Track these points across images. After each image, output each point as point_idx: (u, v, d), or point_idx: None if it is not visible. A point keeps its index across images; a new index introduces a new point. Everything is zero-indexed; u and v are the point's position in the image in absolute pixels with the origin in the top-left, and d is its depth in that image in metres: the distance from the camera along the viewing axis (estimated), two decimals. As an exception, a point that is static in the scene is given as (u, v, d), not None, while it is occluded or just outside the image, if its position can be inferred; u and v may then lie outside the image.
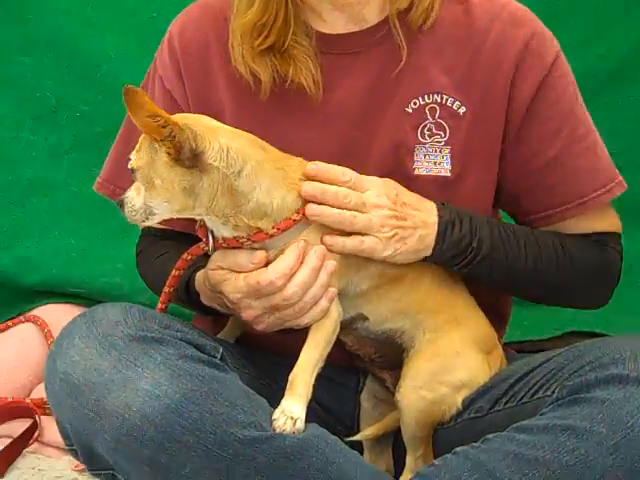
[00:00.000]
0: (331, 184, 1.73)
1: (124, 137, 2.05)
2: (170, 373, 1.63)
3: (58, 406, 1.70)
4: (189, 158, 1.65)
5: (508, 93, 1.89)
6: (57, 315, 2.58)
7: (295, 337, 1.75)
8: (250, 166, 1.69)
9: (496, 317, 1.96)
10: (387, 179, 1.80)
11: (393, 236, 1.75)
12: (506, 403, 1.79)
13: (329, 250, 1.73)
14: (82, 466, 2.04)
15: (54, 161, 2.84)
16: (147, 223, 1.72)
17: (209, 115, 1.76)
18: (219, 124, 1.74)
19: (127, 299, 2.44)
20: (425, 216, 1.79)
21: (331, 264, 1.72)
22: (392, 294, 1.81)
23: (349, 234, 1.74)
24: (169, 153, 1.65)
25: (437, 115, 1.89)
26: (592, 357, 1.68)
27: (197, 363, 1.67)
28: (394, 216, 1.75)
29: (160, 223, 1.82)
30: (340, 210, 1.72)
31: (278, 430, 1.65)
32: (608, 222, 1.97)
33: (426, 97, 1.89)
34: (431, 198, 1.83)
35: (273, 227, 1.70)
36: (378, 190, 1.76)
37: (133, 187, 1.71)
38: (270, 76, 1.87)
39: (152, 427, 1.61)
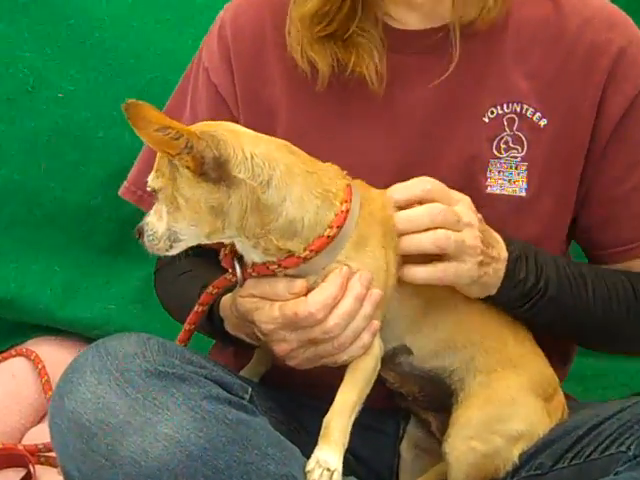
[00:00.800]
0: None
1: None
2: (193, 415, 1.48)
3: (64, 450, 1.53)
4: (214, 169, 1.49)
5: (597, 106, 1.75)
6: (52, 349, 2.40)
7: (328, 375, 1.59)
8: (279, 172, 1.52)
9: (557, 356, 1.80)
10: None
11: (480, 263, 1.60)
12: (572, 459, 1.62)
13: (414, 281, 1.58)
14: None
15: (31, 157, 2.39)
16: (171, 252, 1.56)
17: (262, 113, 1.64)
18: (241, 128, 1.58)
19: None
20: (500, 249, 1.65)
21: (376, 293, 1.56)
22: (430, 319, 1.66)
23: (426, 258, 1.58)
24: (188, 167, 1.49)
25: (515, 127, 1.75)
26: None
27: (223, 405, 1.52)
28: (482, 239, 1.60)
29: None
30: (434, 232, 1.57)
31: None
32: None
33: (505, 106, 1.75)
34: (503, 220, 1.70)
35: (305, 249, 1.54)
36: (467, 206, 1.61)
37: (152, 211, 1.55)
38: (329, 65, 1.73)
39: (172, 477, 1.45)
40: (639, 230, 1.78)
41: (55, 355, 2.33)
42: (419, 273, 1.58)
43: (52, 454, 2.05)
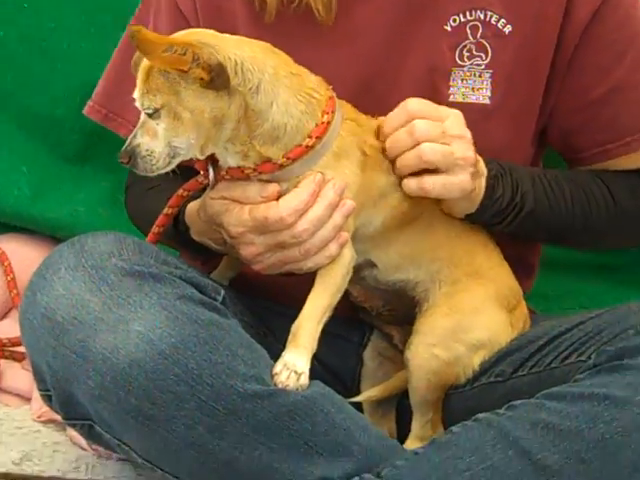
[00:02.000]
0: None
1: (122, 54, 1.88)
2: (166, 315, 1.48)
3: (35, 344, 1.53)
4: (218, 76, 1.48)
5: (564, 9, 1.72)
6: (19, 247, 2.36)
7: (297, 281, 1.60)
8: (267, 76, 1.52)
9: (521, 268, 1.81)
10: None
11: (473, 175, 1.60)
12: (532, 368, 1.65)
13: (410, 193, 1.59)
14: (46, 416, 1.93)
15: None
16: (168, 169, 1.53)
17: (221, 29, 1.57)
18: (221, 34, 1.56)
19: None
20: (483, 165, 1.65)
21: (349, 204, 1.56)
22: (403, 237, 1.66)
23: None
24: (202, 78, 1.47)
25: (479, 34, 1.73)
26: (636, 320, 1.56)
27: (197, 305, 1.52)
28: (474, 151, 1.60)
29: None
30: (417, 147, 1.57)
31: (280, 385, 1.51)
32: None
33: (468, 14, 1.72)
34: (468, 128, 1.67)
35: (283, 156, 1.53)
36: (458, 120, 1.60)
37: (139, 132, 1.52)
38: None
39: (142, 374, 1.45)
40: (614, 131, 1.78)
41: (22, 253, 2.31)
42: (408, 184, 1.59)
43: (17, 349, 2.05)
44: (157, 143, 1.50)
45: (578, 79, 1.76)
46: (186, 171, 1.64)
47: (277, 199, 1.55)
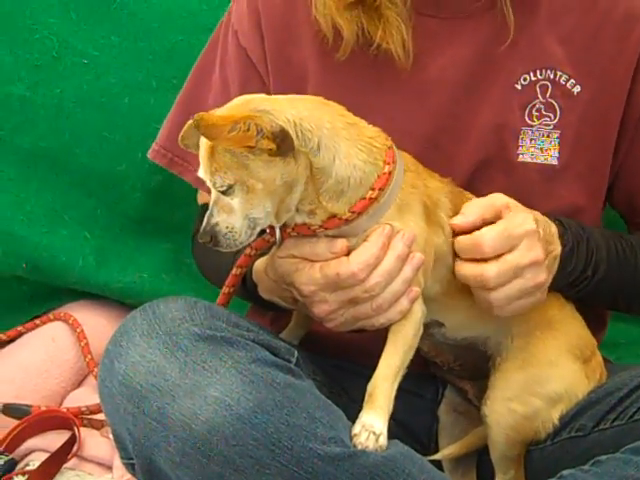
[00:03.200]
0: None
1: (187, 98, 1.89)
2: (242, 379, 1.47)
3: (115, 413, 1.53)
4: (283, 142, 1.48)
5: (632, 72, 1.73)
6: (89, 313, 2.36)
7: (369, 338, 1.59)
8: (326, 131, 1.51)
9: (593, 320, 1.79)
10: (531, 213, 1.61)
11: (545, 291, 1.62)
12: (614, 421, 1.62)
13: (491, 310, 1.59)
14: None
15: (57, 123, 2.31)
16: (250, 240, 1.53)
17: (291, 77, 1.61)
18: (275, 96, 1.56)
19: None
20: (556, 246, 1.63)
21: (418, 257, 1.55)
22: (469, 298, 1.63)
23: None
24: (270, 149, 1.47)
25: (549, 94, 1.73)
26: None
27: (271, 368, 1.51)
28: (548, 267, 1.60)
29: None
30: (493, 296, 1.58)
31: (360, 446, 1.49)
32: None
33: (538, 72, 1.73)
34: (533, 189, 1.69)
35: (349, 210, 1.53)
36: (530, 241, 1.57)
37: (215, 211, 1.51)
38: (354, 33, 1.69)
39: (222, 440, 1.44)
40: None
41: (93, 319, 2.31)
42: (479, 303, 1.60)
43: (95, 416, 2.04)
44: (235, 218, 1.50)
45: None
46: None
47: (347, 254, 1.54)
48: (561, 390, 1.66)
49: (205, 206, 1.85)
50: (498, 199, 1.60)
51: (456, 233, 1.59)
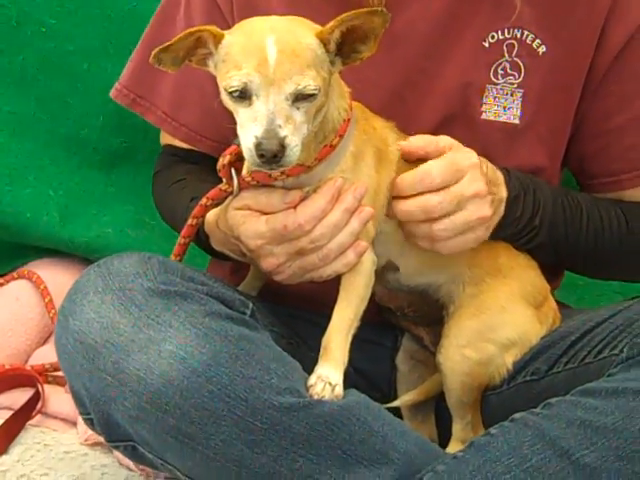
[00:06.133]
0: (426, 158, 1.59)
1: (151, 37, 1.88)
2: (196, 332, 1.48)
3: (72, 369, 1.54)
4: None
5: (598, 36, 1.73)
6: (53, 270, 2.37)
7: (324, 287, 1.60)
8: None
9: (549, 267, 1.80)
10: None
11: (487, 228, 1.62)
12: (566, 364, 1.65)
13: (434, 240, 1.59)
14: (92, 439, 1.93)
15: (21, 89, 2.37)
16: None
17: None
18: None
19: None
20: (501, 189, 1.65)
21: (367, 211, 1.55)
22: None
23: None
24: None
25: (514, 53, 1.73)
26: None
27: (225, 321, 1.52)
28: (491, 202, 1.60)
29: (186, 141, 1.69)
30: (430, 227, 1.59)
31: (316, 397, 1.51)
32: None
33: (506, 31, 1.73)
34: (496, 147, 1.70)
35: (315, 157, 1.52)
36: (474, 174, 1.59)
37: (283, 121, 1.41)
38: None
39: (177, 393, 1.46)
40: (629, 162, 1.78)
41: (56, 276, 2.32)
42: (422, 244, 1.61)
43: (59, 373, 2.05)
44: (301, 132, 1.44)
45: (601, 105, 1.76)
46: (211, 162, 1.64)
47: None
48: (514, 335, 1.68)
49: (170, 146, 1.87)
50: (443, 139, 1.61)
51: (402, 158, 1.61)
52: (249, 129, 1.42)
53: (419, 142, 1.61)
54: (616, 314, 1.62)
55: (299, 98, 1.42)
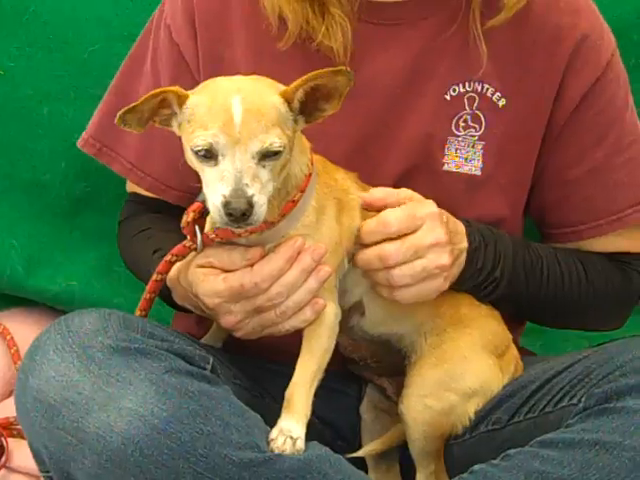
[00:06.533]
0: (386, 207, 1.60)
1: (118, 88, 1.88)
2: (156, 389, 1.48)
3: (31, 428, 1.54)
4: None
5: (556, 90, 1.76)
6: (20, 320, 2.36)
7: (288, 338, 1.60)
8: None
9: (510, 316, 1.81)
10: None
11: (446, 277, 1.63)
12: (527, 413, 1.65)
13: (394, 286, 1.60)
14: None
15: None
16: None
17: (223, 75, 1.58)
18: None
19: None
20: (462, 240, 1.66)
21: (325, 271, 1.56)
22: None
23: None
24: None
25: (475, 105, 1.75)
26: (622, 360, 1.55)
27: (185, 377, 1.52)
28: (451, 252, 1.61)
29: (151, 191, 1.71)
30: (387, 274, 1.59)
31: (277, 451, 1.51)
32: (636, 242, 1.86)
33: (467, 84, 1.75)
34: (457, 198, 1.72)
35: (279, 213, 1.54)
36: (433, 223, 1.60)
37: (248, 180, 1.42)
38: (299, 25, 1.71)
39: (137, 451, 1.45)
40: (588, 213, 1.80)
41: (25, 326, 2.31)
42: (381, 291, 1.62)
43: (24, 427, 2.04)
44: (265, 191, 1.45)
45: (559, 157, 1.79)
46: (176, 211, 1.65)
47: None
48: (475, 385, 1.68)
49: (135, 194, 1.88)
50: (404, 191, 1.63)
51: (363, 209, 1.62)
52: (216, 188, 1.44)
53: (379, 194, 1.62)
54: (575, 363, 1.63)
55: (265, 156, 1.44)
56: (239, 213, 1.41)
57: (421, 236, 1.59)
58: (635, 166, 1.81)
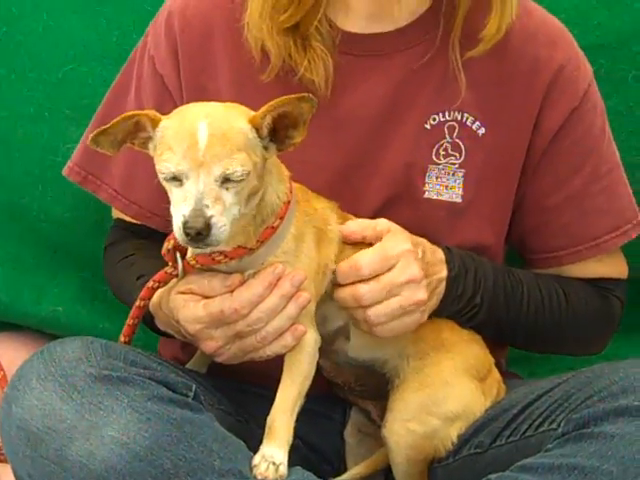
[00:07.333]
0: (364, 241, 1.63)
1: (102, 117, 1.89)
2: (138, 417, 1.50)
3: (15, 456, 1.55)
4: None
5: (534, 119, 1.78)
6: (9, 345, 2.36)
7: (275, 362, 1.61)
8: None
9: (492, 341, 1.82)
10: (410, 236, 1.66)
11: (423, 311, 1.65)
12: (508, 437, 1.66)
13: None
14: None
15: None
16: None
17: None
18: None
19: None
20: (441, 269, 1.68)
21: (305, 297, 1.58)
22: None
23: None
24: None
25: (455, 134, 1.77)
26: (600, 386, 1.56)
27: (168, 404, 1.54)
28: (428, 285, 1.64)
29: (136, 218, 1.72)
30: (365, 314, 1.62)
31: (260, 477, 1.52)
32: (616, 268, 1.89)
33: (447, 114, 1.77)
34: (439, 225, 1.73)
35: (257, 239, 1.56)
36: (407, 260, 1.62)
37: (209, 202, 1.45)
38: (281, 59, 1.74)
39: (120, 478, 1.47)
40: (567, 239, 1.82)
41: (12, 350, 2.31)
42: (360, 326, 1.64)
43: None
44: (228, 214, 1.47)
45: (538, 185, 1.81)
46: (161, 237, 1.66)
47: None
48: (458, 409, 1.69)
49: (121, 220, 1.90)
50: (381, 223, 1.65)
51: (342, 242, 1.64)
52: (179, 208, 1.47)
53: (355, 227, 1.65)
54: (555, 387, 1.64)
55: (229, 180, 1.46)
56: (194, 232, 1.44)
57: (395, 275, 1.61)
58: (612, 193, 1.83)
